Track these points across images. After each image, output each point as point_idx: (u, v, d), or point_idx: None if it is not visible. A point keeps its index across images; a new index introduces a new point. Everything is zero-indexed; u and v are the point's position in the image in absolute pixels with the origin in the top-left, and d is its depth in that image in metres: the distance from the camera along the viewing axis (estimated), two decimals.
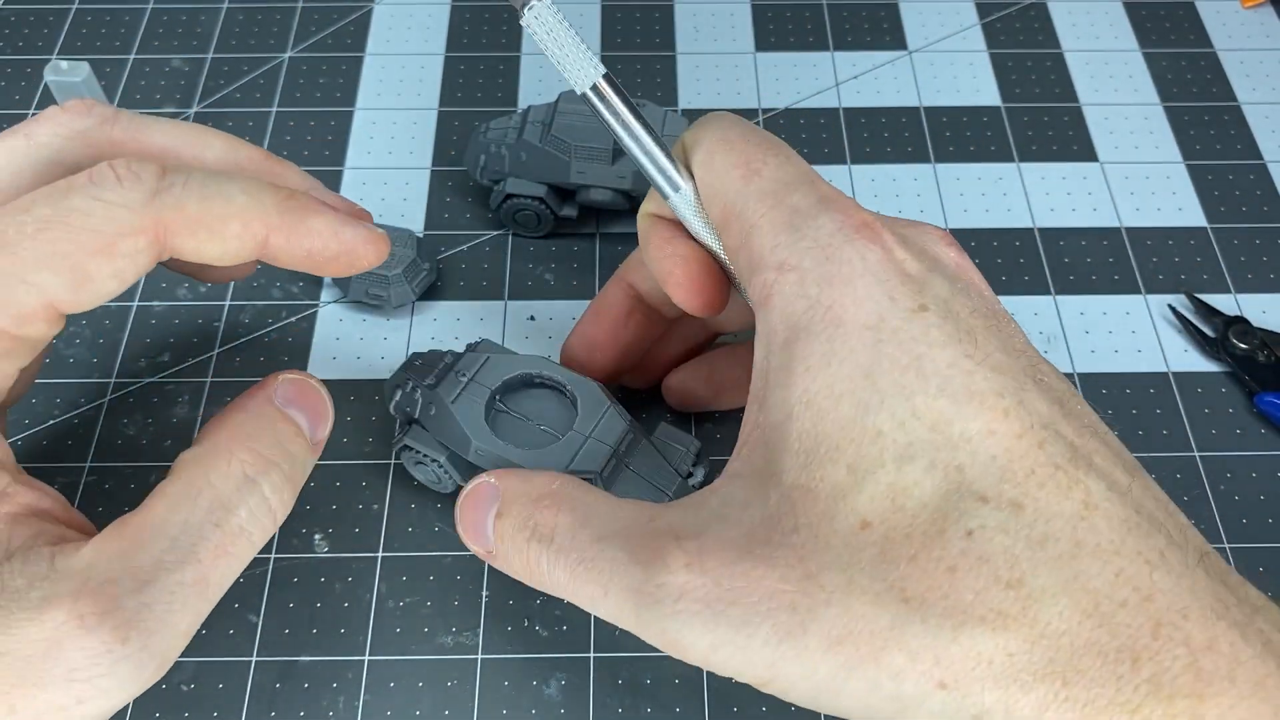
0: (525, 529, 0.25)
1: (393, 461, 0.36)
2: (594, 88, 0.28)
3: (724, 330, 0.35)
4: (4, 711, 0.22)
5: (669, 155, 0.27)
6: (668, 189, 0.27)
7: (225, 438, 0.25)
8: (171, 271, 0.33)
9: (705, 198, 0.27)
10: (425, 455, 0.33)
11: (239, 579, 0.33)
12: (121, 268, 0.24)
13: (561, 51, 0.28)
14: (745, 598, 0.21)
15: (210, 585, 0.24)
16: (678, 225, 0.28)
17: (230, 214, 0.24)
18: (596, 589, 0.24)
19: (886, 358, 0.22)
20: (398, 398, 0.34)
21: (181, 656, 0.32)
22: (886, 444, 0.21)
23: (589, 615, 0.33)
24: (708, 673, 0.32)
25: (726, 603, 0.21)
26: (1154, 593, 0.20)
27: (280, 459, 0.25)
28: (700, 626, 0.22)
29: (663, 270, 0.28)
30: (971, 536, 0.20)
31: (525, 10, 0.28)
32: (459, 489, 0.34)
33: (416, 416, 0.33)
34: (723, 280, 0.28)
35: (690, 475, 0.33)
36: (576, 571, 0.24)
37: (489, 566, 0.34)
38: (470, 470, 0.33)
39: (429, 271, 0.39)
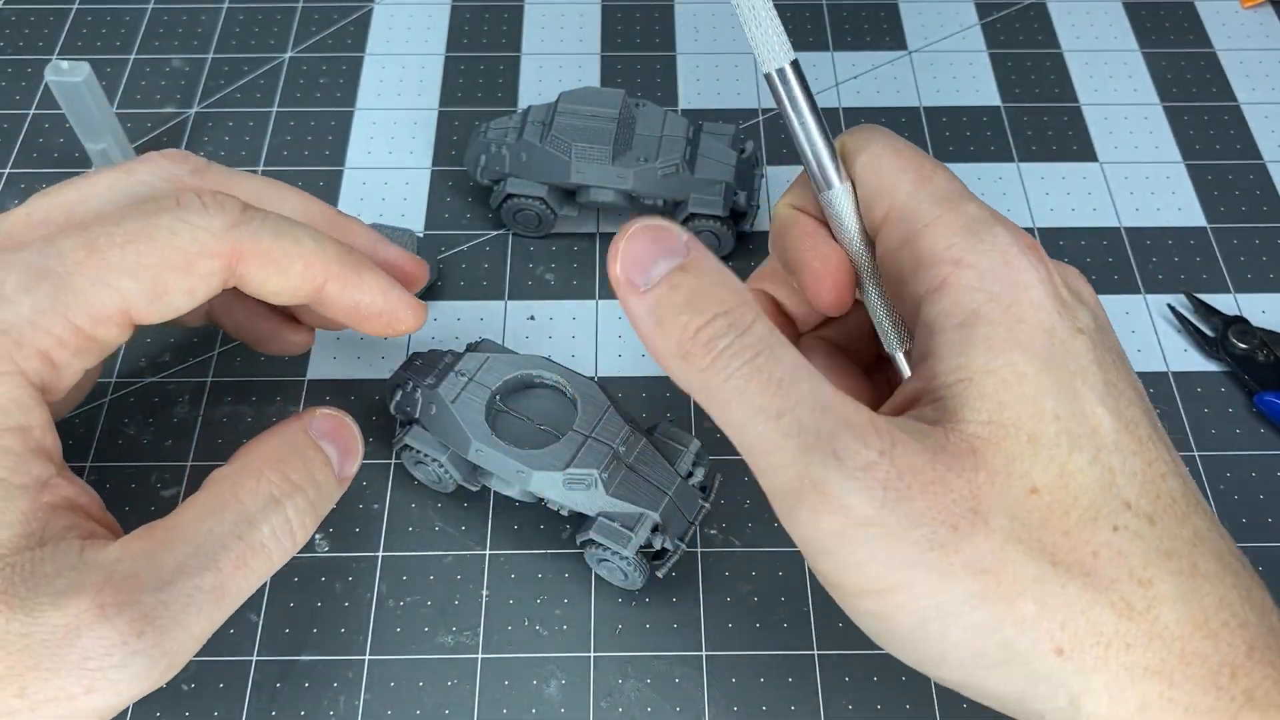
0: (715, 303, 0.24)
1: (393, 461, 0.36)
2: (780, 71, 0.28)
3: None
4: (14, 693, 0.23)
5: (833, 152, 0.28)
6: (824, 184, 0.28)
7: (258, 459, 0.27)
8: (233, 336, 0.35)
9: (869, 197, 0.27)
10: (426, 455, 0.33)
11: None
12: (194, 285, 0.26)
13: (759, 29, 0.28)
14: (919, 499, 0.22)
15: (226, 595, 0.25)
16: (820, 222, 0.29)
17: (298, 254, 0.27)
18: (771, 402, 0.23)
19: (1060, 359, 0.24)
20: (398, 397, 0.34)
21: None
22: (1062, 429, 0.23)
23: (589, 615, 0.33)
24: (706, 672, 0.32)
25: (901, 497, 0.22)
26: (1246, 621, 0.22)
27: (307, 485, 0.27)
28: (867, 499, 0.22)
29: (800, 262, 0.28)
30: (1116, 532, 0.22)
31: None
32: (459, 488, 0.34)
33: (417, 416, 0.33)
34: (854, 283, 0.29)
35: (690, 475, 0.33)
36: (757, 373, 0.23)
37: (489, 566, 0.34)
38: (471, 470, 0.33)
39: (429, 271, 0.39)
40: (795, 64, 0.28)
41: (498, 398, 0.33)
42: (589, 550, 0.32)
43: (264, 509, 0.26)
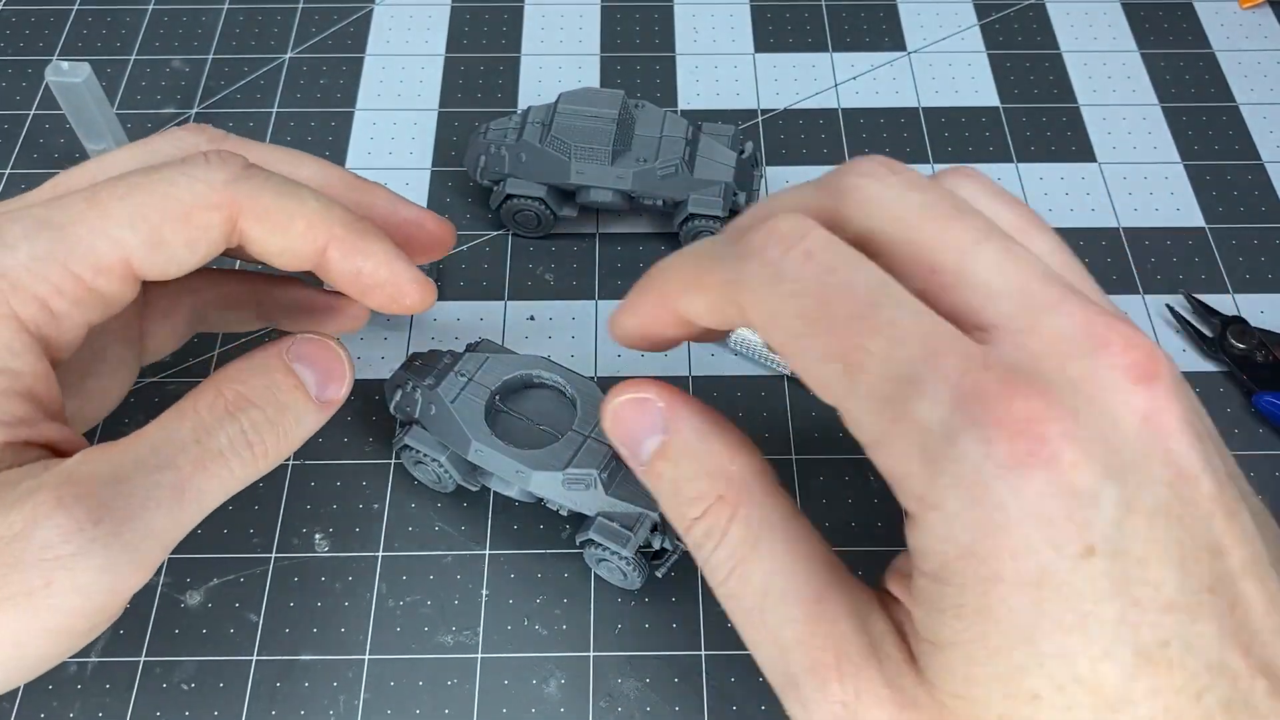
0: (693, 507, 0.25)
1: (393, 461, 0.36)
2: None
3: None
4: None
5: None
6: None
7: (221, 377, 0.27)
8: (288, 326, 0.34)
9: (806, 383, 0.23)
10: (425, 455, 0.33)
11: (239, 578, 0.33)
12: (194, 238, 0.26)
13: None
14: None
15: (186, 493, 0.24)
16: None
17: (300, 213, 0.26)
18: (747, 631, 0.24)
19: (1049, 618, 0.20)
20: (398, 398, 0.34)
21: (181, 655, 0.32)
22: (1042, 706, 0.20)
23: (589, 615, 0.33)
24: (705, 672, 0.32)
25: None
26: None
27: (265, 403, 0.26)
28: None
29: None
30: None
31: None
32: (459, 488, 0.34)
33: (417, 416, 0.33)
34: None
35: None
36: (733, 594, 0.24)
37: (488, 566, 0.34)
38: (470, 470, 0.34)
39: (429, 272, 0.39)
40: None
41: (497, 398, 0.33)
42: (588, 550, 0.32)
43: (219, 419, 0.26)
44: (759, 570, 0.24)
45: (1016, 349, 0.21)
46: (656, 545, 0.32)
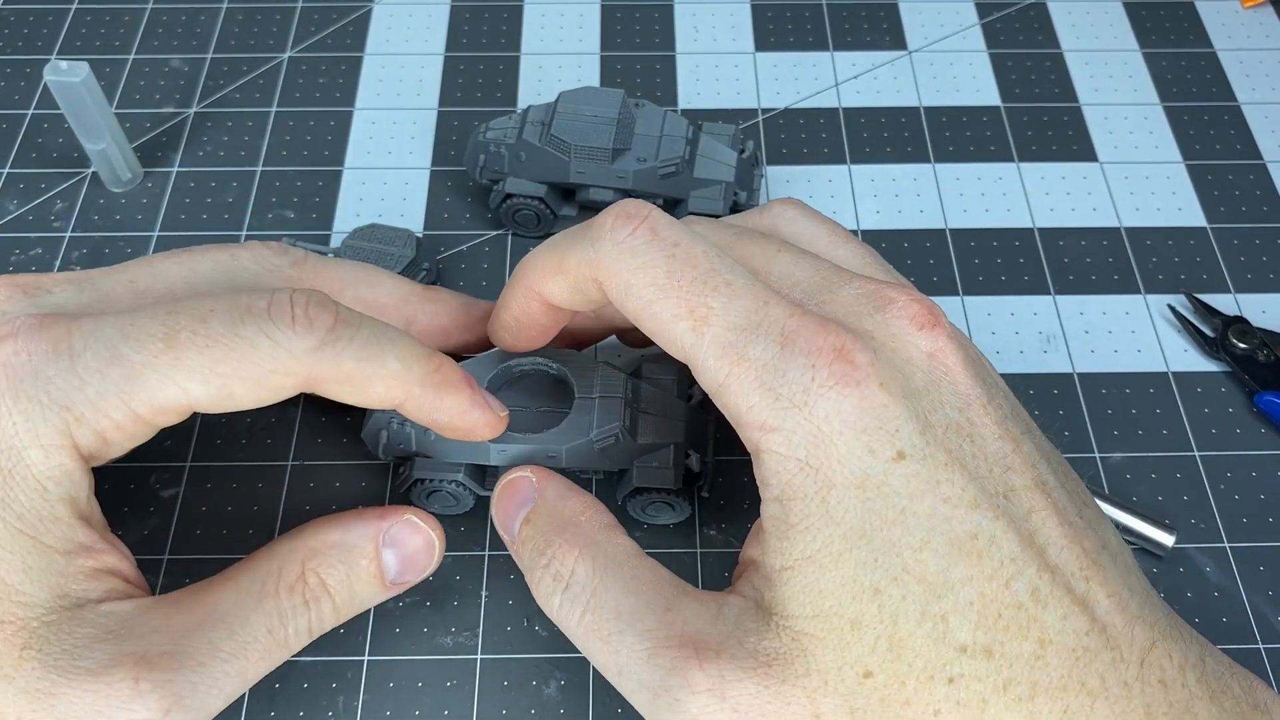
0: (543, 557, 0.27)
1: (392, 460, 0.35)
2: None
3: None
4: None
5: None
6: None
7: (309, 549, 0.27)
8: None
9: (661, 344, 0.26)
10: (440, 479, 0.32)
11: None
12: (263, 396, 0.26)
13: None
14: None
15: (247, 680, 0.26)
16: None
17: (379, 377, 0.26)
18: (608, 659, 0.25)
19: (876, 514, 0.23)
20: (384, 440, 0.32)
21: None
22: (884, 601, 0.23)
23: None
24: None
25: None
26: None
27: (338, 593, 0.28)
28: None
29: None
30: (953, 683, 0.22)
31: None
32: (483, 498, 0.34)
33: (415, 449, 0.32)
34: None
35: (690, 396, 0.34)
36: (590, 628, 0.26)
37: (488, 567, 0.34)
38: (484, 476, 0.33)
39: (428, 272, 0.39)
40: None
41: None
42: (632, 501, 0.32)
43: (295, 609, 0.27)
44: (610, 598, 0.26)
45: (822, 309, 0.25)
46: (695, 468, 0.32)
